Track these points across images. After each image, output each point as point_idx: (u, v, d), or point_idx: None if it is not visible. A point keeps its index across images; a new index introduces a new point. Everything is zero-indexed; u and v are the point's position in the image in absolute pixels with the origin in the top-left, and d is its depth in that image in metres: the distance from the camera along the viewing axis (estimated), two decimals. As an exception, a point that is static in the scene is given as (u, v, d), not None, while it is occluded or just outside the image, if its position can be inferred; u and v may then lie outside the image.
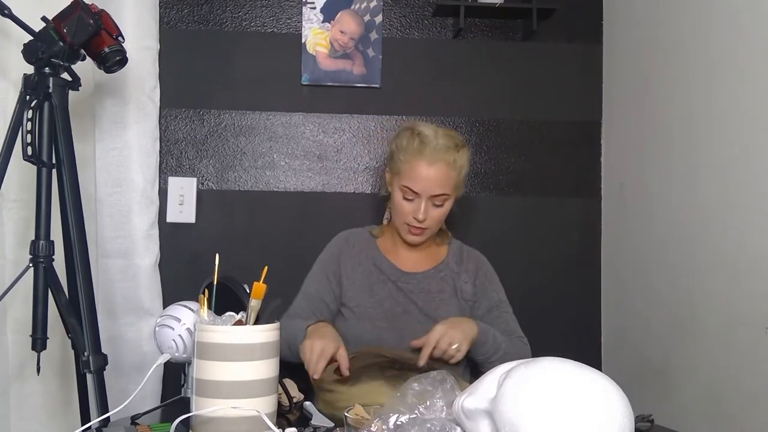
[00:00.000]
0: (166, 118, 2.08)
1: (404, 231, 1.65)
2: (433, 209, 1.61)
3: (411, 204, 1.61)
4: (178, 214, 2.06)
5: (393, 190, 1.65)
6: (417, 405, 0.98)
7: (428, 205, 1.60)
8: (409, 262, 1.71)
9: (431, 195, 1.59)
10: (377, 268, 1.69)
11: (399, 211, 1.63)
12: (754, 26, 1.51)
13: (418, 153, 1.58)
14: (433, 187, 1.58)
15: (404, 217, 1.62)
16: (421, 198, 1.59)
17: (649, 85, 1.95)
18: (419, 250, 1.72)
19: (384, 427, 0.94)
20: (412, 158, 1.58)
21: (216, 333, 1.10)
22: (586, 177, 2.20)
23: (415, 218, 1.60)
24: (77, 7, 1.52)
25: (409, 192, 1.60)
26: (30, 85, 1.52)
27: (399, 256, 1.72)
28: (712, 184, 1.65)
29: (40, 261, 1.54)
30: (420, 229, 1.62)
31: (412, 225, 1.62)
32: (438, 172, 1.57)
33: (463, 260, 1.73)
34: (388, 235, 1.75)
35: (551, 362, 0.95)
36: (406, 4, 2.17)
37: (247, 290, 1.24)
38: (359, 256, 1.70)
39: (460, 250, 1.75)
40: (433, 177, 1.57)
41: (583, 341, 2.18)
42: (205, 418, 1.07)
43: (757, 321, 1.48)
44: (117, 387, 1.77)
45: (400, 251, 1.72)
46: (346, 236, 1.76)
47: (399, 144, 1.64)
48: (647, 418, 1.22)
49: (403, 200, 1.61)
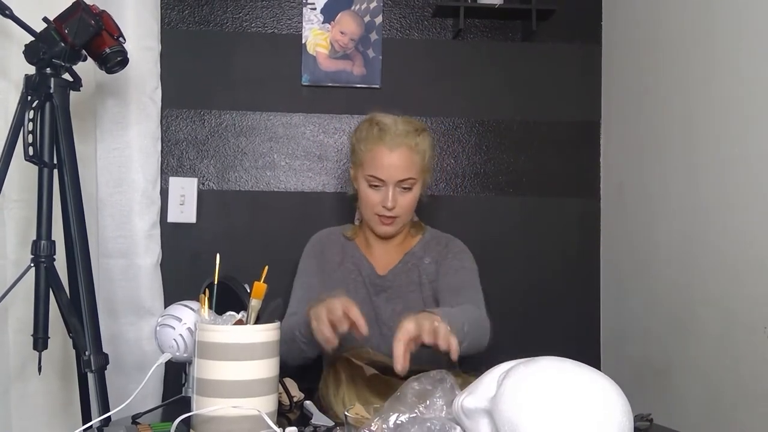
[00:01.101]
0: (167, 119, 2.08)
1: (375, 223, 1.63)
2: (401, 195, 1.60)
3: (378, 193, 1.60)
4: (179, 214, 2.07)
5: (359, 184, 1.64)
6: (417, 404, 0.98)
7: (395, 192, 1.58)
8: (382, 262, 1.69)
9: (397, 180, 1.57)
10: (356, 267, 1.68)
11: (367, 203, 1.62)
12: (754, 26, 1.52)
13: (379, 140, 1.57)
14: (397, 172, 1.57)
15: (373, 208, 1.61)
16: (387, 185, 1.58)
17: (649, 85, 1.95)
18: (392, 245, 1.70)
19: (384, 427, 0.94)
20: (374, 146, 1.58)
21: (217, 332, 1.10)
22: (586, 177, 2.21)
23: (384, 207, 1.59)
24: (78, 7, 1.53)
25: (374, 180, 1.58)
26: (31, 85, 1.53)
27: (375, 255, 1.70)
28: (712, 184, 1.66)
29: (42, 261, 1.54)
30: (390, 218, 1.61)
31: (382, 215, 1.60)
32: (400, 156, 1.57)
33: (431, 246, 1.69)
34: (362, 236, 1.74)
35: (550, 361, 0.95)
36: (406, 5, 2.17)
37: (248, 290, 1.24)
38: (340, 254, 1.69)
39: (430, 238, 1.71)
40: (395, 162, 1.57)
41: (582, 341, 2.18)
42: (205, 418, 1.08)
43: (757, 321, 1.48)
44: (118, 386, 1.77)
45: (375, 250, 1.71)
46: (325, 235, 1.74)
47: (359, 136, 1.63)
48: (647, 417, 1.22)
49: (369, 189, 1.60)
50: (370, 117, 1.65)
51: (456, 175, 2.17)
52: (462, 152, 2.17)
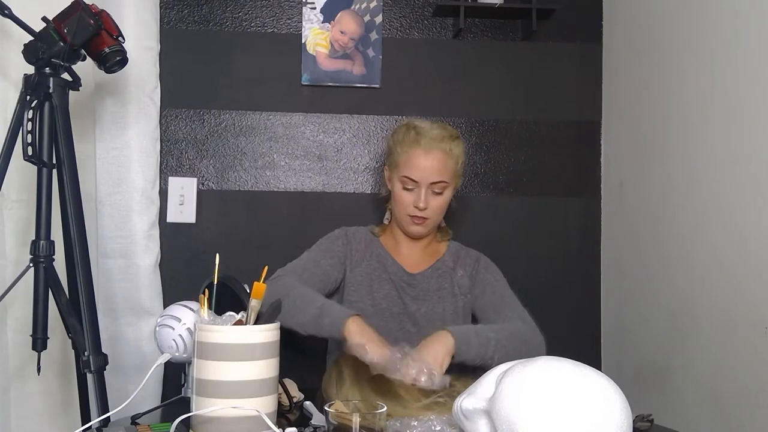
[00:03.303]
0: (166, 118, 2.08)
1: (407, 223, 1.68)
2: (433, 198, 1.64)
3: (411, 194, 1.64)
4: (179, 214, 2.07)
5: (393, 185, 1.68)
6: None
7: (428, 193, 1.63)
8: (410, 261, 1.72)
9: (430, 182, 1.62)
10: (381, 265, 1.70)
11: (400, 203, 1.66)
12: (754, 26, 1.52)
13: (415, 143, 1.63)
14: (431, 174, 1.62)
15: (405, 208, 1.65)
16: (420, 187, 1.63)
17: (649, 85, 1.95)
18: (421, 248, 1.74)
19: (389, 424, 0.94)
20: (410, 148, 1.63)
21: (216, 333, 1.10)
22: (586, 176, 2.21)
23: (416, 207, 1.63)
24: (78, 7, 1.53)
25: (408, 182, 1.63)
26: (30, 85, 1.53)
27: (401, 254, 1.73)
28: (712, 183, 1.65)
29: (41, 261, 1.54)
30: (422, 218, 1.65)
31: (414, 215, 1.65)
32: (435, 159, 1.62)
33: (460, 257, 1.75)
34: (389, 234, 1.77)
35: (549, 361, 0.95)
36: (406, 5, 2.17)
37: (248, 290, 1.24)
38: (365, 251, 1.72)
39: (458, 249, 1.78)
40: (430, 165, 1.61)
41: (582, 341, 2.18)
42: (205, 418, 1.08)
43: (757, 321, 1.48)
44: (117, 387, 1.78)
45: (402, 249, 1.74)
46: (351, 231, 1.75)
47: (396, 138, 1.69)
48: (647, 417, 1.22)
49: (403, 191, 1.65)
50: (408, 122, 1.71)
51: (456, 174, 2.17)
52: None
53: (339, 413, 0.99)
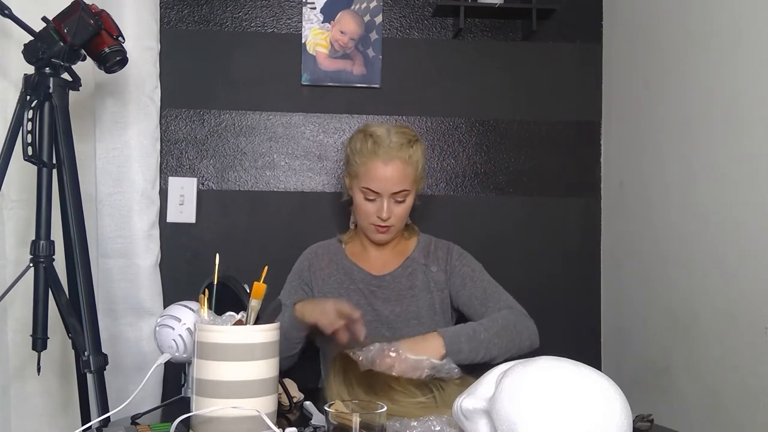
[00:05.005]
0: (166, 118, 2.08)
1: (371, 231, 1.68)
2: (396, 206, 1.64)
3: (373, 204, 1.64)
4: (179, 214, 2.07)
5: (354, 194, 1.68)
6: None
7: (390, 203, 1.62)
8: (378, 264, 1.72)
9: (392, 193, 1.62)
10: (347, 275, 1.71)
11: (362, 213, 1.66)
12: (754, 26, 1.51)
13: (373, 154, 1.61)
14: (391, 185, 1.61)
15: (368, 218, 1.65)
16: (382, 197, 1.62)
17: (649, 85, 1.95)
18: (388, 249, 1.74)
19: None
20: (368, 159, 1.61)
21: (216, 333, 1.10)
22: (586, 176, 2.21)
23: (379, 217, 1.63)
24: (78, 7, 1.53)
25: (369, 193, 1.63)
26: (30, 85, 1.53)
27: (368, 258, 1.74)
28: (712, 183, 1.65)
29: (41, 261, 1.54)
30: (385, 227, 1.65)
31: (377, 224, 1.65)
32: (395, 170, 1.60)
33: (430, 252, 1.73)
34: (356, 240, 1.77)
35: (548, 361, 0.95)
36: (406, 5, 2.17)
37: (248, 290, 1.24)
38: (329, 267, 1.73)
39: (428, 243, 1.76)
40: (390, 176, 1.60)
41: (582, 341, 2.18)
42: (205, 418, 1.08)
43: (757, 321, 1.48)
44: (117, 387, 1.77)
45: (370, 253, 1.74)
46: (315, 249, 1.78)
47: (353, 147, 1.66)
48: (647, 418, 1.22)
49: (364, 201, 1.64)
50: (364, 128, 1.68)
51: (456, 175, 2.17)
52: (462, 152, 2.17)
53: (339, 413, 0.99)
